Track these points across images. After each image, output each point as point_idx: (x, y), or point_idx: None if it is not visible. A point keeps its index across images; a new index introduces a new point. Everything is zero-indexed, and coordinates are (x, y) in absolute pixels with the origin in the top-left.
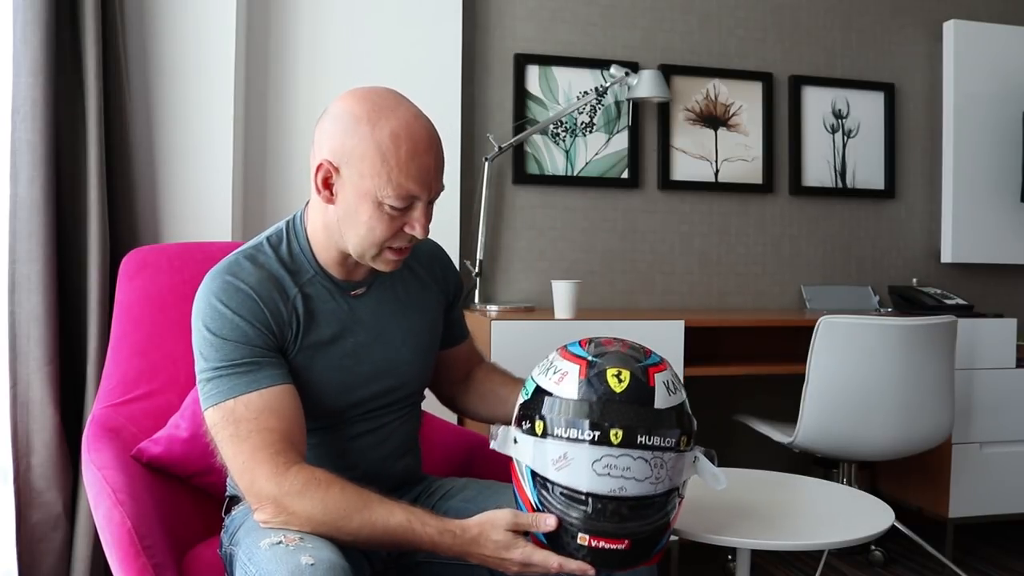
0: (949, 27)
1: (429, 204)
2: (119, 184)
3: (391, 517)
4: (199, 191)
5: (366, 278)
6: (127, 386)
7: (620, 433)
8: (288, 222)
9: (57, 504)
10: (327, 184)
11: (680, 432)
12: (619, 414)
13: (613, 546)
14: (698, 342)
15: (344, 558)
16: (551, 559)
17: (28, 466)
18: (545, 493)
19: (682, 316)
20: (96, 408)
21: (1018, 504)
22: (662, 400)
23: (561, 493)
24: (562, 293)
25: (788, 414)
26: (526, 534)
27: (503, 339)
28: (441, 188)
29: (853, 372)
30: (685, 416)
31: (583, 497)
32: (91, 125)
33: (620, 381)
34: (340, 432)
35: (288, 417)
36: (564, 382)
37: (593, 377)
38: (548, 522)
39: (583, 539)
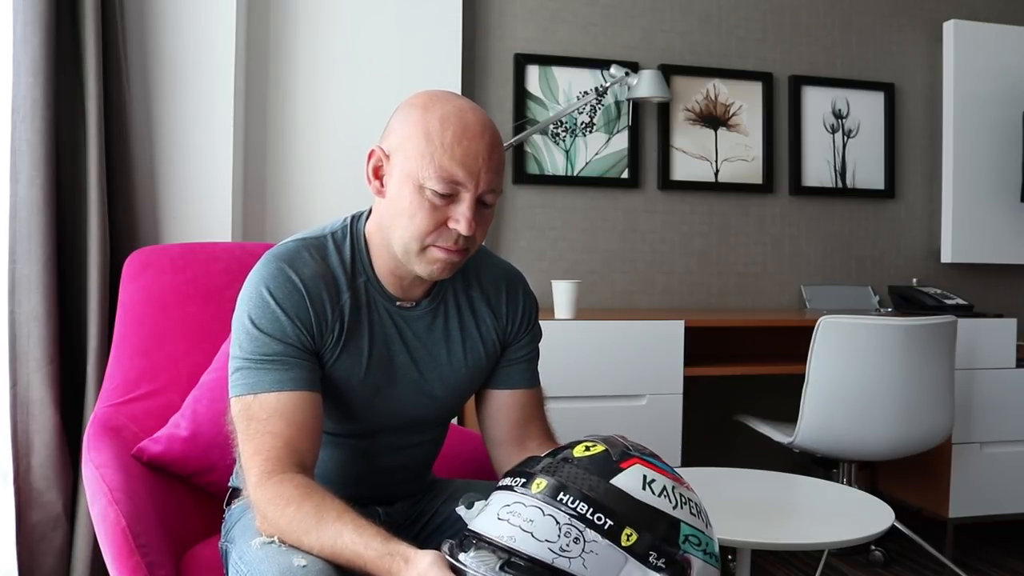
0: (949, 27)
1: (481, 202)
2: (119, 184)
3: (338, 538)
4: (199, 191)
5: (420, 299)
6: (129, 386)
7: (544, 483)
8: (352, 219)
9: (57, 504)
10: (377, 173)
11: (627, 524)
12: (559, 470)
13: None
14: (698, 342)
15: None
16: None
17: (28, 466)
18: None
19: (682, 316)
20: (98, 407)
21: (1018, 504)
22: (630, 487)
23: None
24: (562, 293)
25: (788, 414)
26: None
27: None
28: (496, 187)
29: (853, 372)
30: (655, 519)
31: (471, 540)
32: (91, 125)
33: (587, 449)
34: (360, 444)
35: (297, 424)
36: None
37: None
38: None
39: None
